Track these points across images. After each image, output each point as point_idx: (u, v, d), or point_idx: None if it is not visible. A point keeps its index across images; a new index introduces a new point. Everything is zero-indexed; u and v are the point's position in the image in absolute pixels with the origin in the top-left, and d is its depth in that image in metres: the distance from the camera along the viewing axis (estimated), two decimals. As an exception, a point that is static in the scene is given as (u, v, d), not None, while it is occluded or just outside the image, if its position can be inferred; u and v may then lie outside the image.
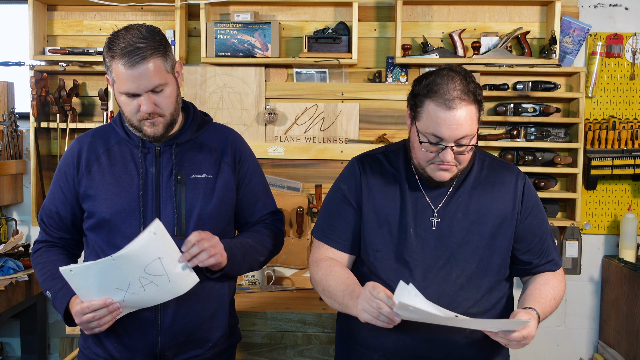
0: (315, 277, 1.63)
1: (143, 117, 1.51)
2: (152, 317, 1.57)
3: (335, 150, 3.00)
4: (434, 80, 1.46)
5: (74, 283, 1.43)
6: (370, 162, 1.64)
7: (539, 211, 1.63)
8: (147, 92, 1.47)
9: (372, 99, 3.01)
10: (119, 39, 1.46)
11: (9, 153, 3.01)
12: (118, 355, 1.59)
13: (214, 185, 1.61)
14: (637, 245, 2.94)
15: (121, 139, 1.62)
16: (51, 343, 3.19)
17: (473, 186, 1.58)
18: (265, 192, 1.77)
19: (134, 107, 1.50)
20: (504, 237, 1.56)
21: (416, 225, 1.55)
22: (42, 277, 1.61)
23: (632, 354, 2.73)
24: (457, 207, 1.56)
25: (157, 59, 1.47)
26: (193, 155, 1.62)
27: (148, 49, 1.45)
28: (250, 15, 2.91)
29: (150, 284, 1.44)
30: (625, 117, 2.99)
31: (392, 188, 1.59)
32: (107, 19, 3.06)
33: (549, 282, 1.62)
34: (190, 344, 1.61)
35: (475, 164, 1.61)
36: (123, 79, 1.46)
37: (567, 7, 2.96)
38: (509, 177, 1.60)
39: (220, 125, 1.74)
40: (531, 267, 1.63)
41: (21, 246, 2.93)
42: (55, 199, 1.64)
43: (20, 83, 3.14)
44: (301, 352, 2.44)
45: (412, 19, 3.00)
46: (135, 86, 1.46)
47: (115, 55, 1.45)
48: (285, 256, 2.98)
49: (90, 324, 1.46)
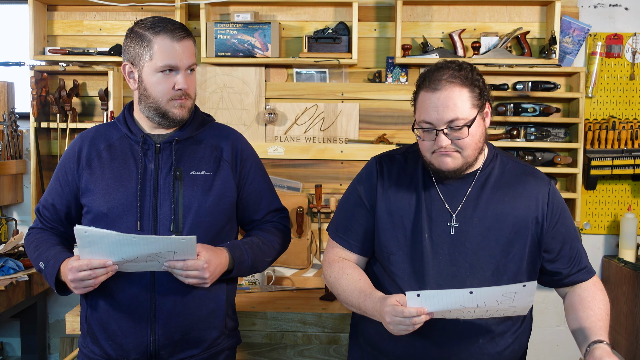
0: (329, 279, 1.63)
1: (176, 95, 1.55)
2: (147, 315, 1.57)
3: (335, 150, 3.00)
4: (428, 71, 1.48)
5: (83, 243, 1.44)
6: (388, 163, 1.62)
7: (567, 217, 1.58)
8: (185, 69, 1.55)
9: (372, 99, 3.01)
10: (156, 20, 1.56)
11: (9, 153, 3.01)
12: (113, 353, 1.60)
13: (212, 182, 1.62)
14: (637, 245, 2.94)
15: (123, 135, 1.64)
16: (51, 343, 3.19)
17: (492, 190, 1.53)
18: (270, 190, 1.78)
19: (168, 85, 1.55)
20: (521, 244, 1.51)
21: (431, 230, 1.52)
22: (35, 252, 1.63)
23: (632, 354, 2.73)
24: (474, 212, 1.52)
25: (192, 42, 1.60)
26: (193, 153, 1.63)
27: (187, 30, 1.58)
28: (250, 16, 2.91)
29: (155, 261, 1.47)
30: (625, 117, 2.99)
31: (408, 190, 1.56)
32: (107, 19, 3.06)
33: (596, 297, 1.57)
34: (185, 343, 1.61)
35: (496, 167, 1.56)
36: (168, 51, 1.52)
37: (567, 7, 2.96)
38: (533, 182, 1.55)
39: (222, 125, 1.75)
40: (562, 277, 1.59)
41: (21, 246, 2.93)
42: (52, 192, 1.67)
43: (21, 83, 3.14)
44: (301, 352, 2.44)
45: (412, 19, 3.00)
46: (179, 59, 1.53)
47: (160, 31, 1.53)
48: (285, 256, 2.97)
49: (84, 282, 1.46)
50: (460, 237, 1.51)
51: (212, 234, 1.62)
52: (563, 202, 1.59)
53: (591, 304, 1.55)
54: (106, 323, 1.59)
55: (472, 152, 1.47)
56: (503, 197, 1.53)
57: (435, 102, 1.42)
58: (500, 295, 1.35)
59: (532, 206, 1.53)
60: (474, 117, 1.44)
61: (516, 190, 1.54)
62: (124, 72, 1.60)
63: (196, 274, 1.48)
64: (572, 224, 1.60)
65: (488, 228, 1.51)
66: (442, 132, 1.43)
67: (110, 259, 1.44)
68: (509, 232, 1.51)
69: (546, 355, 3.13)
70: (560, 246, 1.56)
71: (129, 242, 1.41)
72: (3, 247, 2.79)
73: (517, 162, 1.60)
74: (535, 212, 1.53)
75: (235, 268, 1.60)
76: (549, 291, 3.10)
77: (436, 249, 1.51)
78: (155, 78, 1.54)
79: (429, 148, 1.48)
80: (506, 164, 1.58)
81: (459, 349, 1.51)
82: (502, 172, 1.56)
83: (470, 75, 1.45)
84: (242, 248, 1.63)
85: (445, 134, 1.43)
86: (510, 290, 1.34)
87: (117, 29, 3.06)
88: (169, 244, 1.42)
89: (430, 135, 1.46)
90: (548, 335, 3.12)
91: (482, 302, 1.35)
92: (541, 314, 3.11)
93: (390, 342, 1.55)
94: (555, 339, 3.12)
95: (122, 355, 1.59)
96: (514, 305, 1.38)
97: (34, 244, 1.65)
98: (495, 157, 1.58)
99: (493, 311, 1.40)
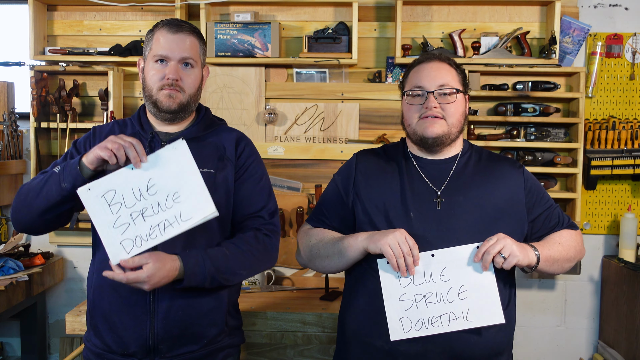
0: (309, 244, 1.69)
1: (165, 84, 1.59)
2: (147, 308, 1.58)
3: (335, 150, 3.00)
4: (416, 59, 1.69)
5: (90, 201, 1.46)
6: (367, 155, 1.74)
7: (543, 193, 1.70)
8: (177, 61, 1.60)
9: (372, 99, 3.01)
10: (167, 19, 1.66)
11: (9, 153, 3.01)
12: (114, 345, 1.61)
13: (215, 179, 1.64)
14: (637, 245, 2.94)
15: (136, 132, 1.68)
16: (51, 343, 3.20)
17: (473, 173, 1.65)
18: (261, 194, 1.73)
19: (160, 75, 1.60)
20: (505, 222, 1.59)
21: (417, 209, 1.59)
22: (38, 180, 1.56)
23: (632, 353, 2.73)
24: (459, 190, 1.61)
25: (195, 39, 1.64)
26: (198, 151, 1.64)
27: (189, 27, 1.64)
28: (250, 16, 2.91)
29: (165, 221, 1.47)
30: (625, 117, 2.99)
31: (389, 177, 1.66)
32: (107, 19, 3.06)
33: (562, 233, 1.67)
34: (184, 339, 1.62)
35: (473, 154, 1.70)
36: (161, 42, 1.60)
37: (567, 7, 2.96)
38: (508, 166, 1.68)
39: (231, 128, 1.79)
40: (542, 236, 1.68)
41: (21, 246, 2.93)
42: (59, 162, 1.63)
43: (21, 83, 3.14)
44: (301, 352, 2.44)
45: (412, 19, 3.00)
46: (170, 50, 1.59)
47: (160, 26, 1.62)
48: (285, 256, 2.98)
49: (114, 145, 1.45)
50: (447, 212, 1.58)
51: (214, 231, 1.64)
52: (537, 180, 1.72)
53: (553, 236, 1.67)
54: (108, 315, 1.61)
55: (456, 122, 1.61)
56: (484, 179, 1.64)
57: (428, 69, 1.61)
58: (460, 264, 1.51)
59: (512, 187, 1.64)
60: (460, 90, 1.62)
61: (494, 173, 1.66)
62: (138, 69, 1.68)
63: (137, 285, 1.47)
64: (547, 197, 1.71)
65: (474, 205, 1.59)
66: (432, 95, 1.59)
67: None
68: (493, 210, 1.59)
69: (546, 355, 3.13)
70: (542, 219, 1.67)
71: (128, 175, 1.46)
72: (3, 247, 2.79)
73: (490, 152, 1.75)
74: (516, 193, 1.64)
75: (186, 279, 1.52)
76: (549, 291, 3.10)
77: (424, 227, 1.57)
78: (151, 66, 1.62)
79: (417, 112, 1.61)
80: (481, 152, 1.73)
81: (446, 338, 1.54)
82: (479, 158, 1.70)
83: (459, 66, 1.67)
84: (198, 258, 1.54)
85: (435, 97, 1.59)
86: (465, 252, 1.51)
87: (117, 29, 3.06)
88: (162, 155, 1.47)
89: (420, 99, 1.60)
90: (548, 335, 3.12)
91: (443, 265, 1.52)
92: (541, 314, 3.11)
93: (375, 333, 1.58)
94: (555, 339, 3.12)
95: (122, 348, 1.61)
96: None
97: (33, 181, 1.57)
98: (470, 147, 1.74)
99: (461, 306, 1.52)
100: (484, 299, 1.51)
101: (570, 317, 3.11)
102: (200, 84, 1.68)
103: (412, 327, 1.51)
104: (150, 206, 1.46)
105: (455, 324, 1.51)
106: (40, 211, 1.53)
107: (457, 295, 1.51)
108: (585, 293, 3.10)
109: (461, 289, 1.51)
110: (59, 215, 1.57)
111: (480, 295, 1.51)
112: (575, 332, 3.11)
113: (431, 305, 1.51)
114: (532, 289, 3.10)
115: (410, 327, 1.51)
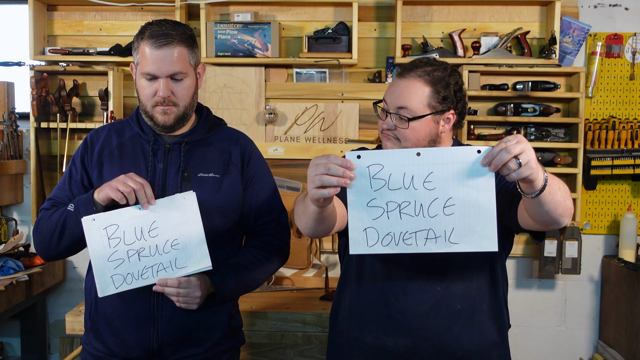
0: (297, 201, 1.56)
1: (157, 101, 1.55)
2: (150, 312, 1.58)
3: (335, 151, 3.00)
4: (412, 61, 1.59)
5: (91, 232, 1.49)
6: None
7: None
8: (166, 77, 1.53)
9: (372, 99, 3.01)
10: (152, 25, 1.55)
11: (9, 153, 3.01)
12: (116, 349, 1.60)
13: (220, 184, 1.63)
14: (637, 245, 2.94)
15: (135, 134, 1.66)
16: (51, 343, 3.19)
17: None
18: (271, 199, 1.75)
19: (151, 91, 1.55)
20: None
21: None
22: (54, 214, 1.60)
23: (632, 353, 2.73)
24: None
25: (183, 48, 1.54)
26: (202, 155, 1.63)
27: (176, 36, 1.52)
28: (250, 16, 2.91)
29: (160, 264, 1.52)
30: (625, 117, 2.99)
31: None
32: (107, 19, 3.06)
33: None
34: (188, 342, 1.61)
35: None
36: (147, 59, 1.52)
37: (567, 7, 2.96)
38: None
39: (233, 129, 1.77)
40: None
41: (21, 246, 2.93)
42: (65, 184, 1.66)
43: (21, 83, 3.14)
44: (301, 352, 2.44)
45: (412, 19, 3.00)
46: (157, 68, 1.51)
47: (144, 37, 1.53)
48: (285, 256, 2.98)
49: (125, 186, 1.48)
50: None
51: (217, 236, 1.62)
52: None
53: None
54: (110, 319, 1.60)
55: (414, 144, 1.52)
56: None
57: (395, 87, 1.54)
58: (451, 171, 1.21)
59: None
60: (424, 115, 1.49)
61: None
62: (132, 73, 1.63)
63: (187, 292, 1.52)
64: None
65: None
66: (390, 115, 1.53)
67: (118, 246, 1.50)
68: None
69: (546, 355, 3.13)
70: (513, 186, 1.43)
71: (134, 214, 1.48)
72: (3, 247, 2.79)
73: None
74: None
75: (218, 293, 1.60)
76: (549, 291, 3.10)
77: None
78: (142, 82, 1.56)
79: (379, 127, 1.59)
80: None
81: (437, 331, 1.53)
82: None
83: (444, 79, 1.50)
84: (223, 272, 1.61)
85: (392, 119, 1.52)
86: (461, 155, 1.21)
87: (117, 29, 3.06)
88: (169, 202, 1.49)
89: (383, 115, 1.56)
90: (548, 335, 3.12)
91: (430, 169, 1.22)
92: (541, 314, 3.11)
93: (365, 329, 1.58)
94: (555, 339, 3.12)
95: (125, 352, 1.60)
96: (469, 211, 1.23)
97: (50, 212, 1.62)
98: None
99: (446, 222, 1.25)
100: (474, 217, 1.23)
101: (570, 317, 3.11)
102: (196, 88, 1.62)
103: (378, 241, 1.25)
104: (148, 247, 1.51)
105: (433, 245, 1.25)
106: (67, 247, 1.61)
107: (442, 210, 1.23)
108: (585, 293, 3.09)
109: (448, 202, 1.23)
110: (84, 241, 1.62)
111: (471, 213, 1.23)
112: (575, 332, 3.11)
113: (406, 218, 1.24)
114: (532, 289, 3.10)
115: (376, 240, 1.25)
